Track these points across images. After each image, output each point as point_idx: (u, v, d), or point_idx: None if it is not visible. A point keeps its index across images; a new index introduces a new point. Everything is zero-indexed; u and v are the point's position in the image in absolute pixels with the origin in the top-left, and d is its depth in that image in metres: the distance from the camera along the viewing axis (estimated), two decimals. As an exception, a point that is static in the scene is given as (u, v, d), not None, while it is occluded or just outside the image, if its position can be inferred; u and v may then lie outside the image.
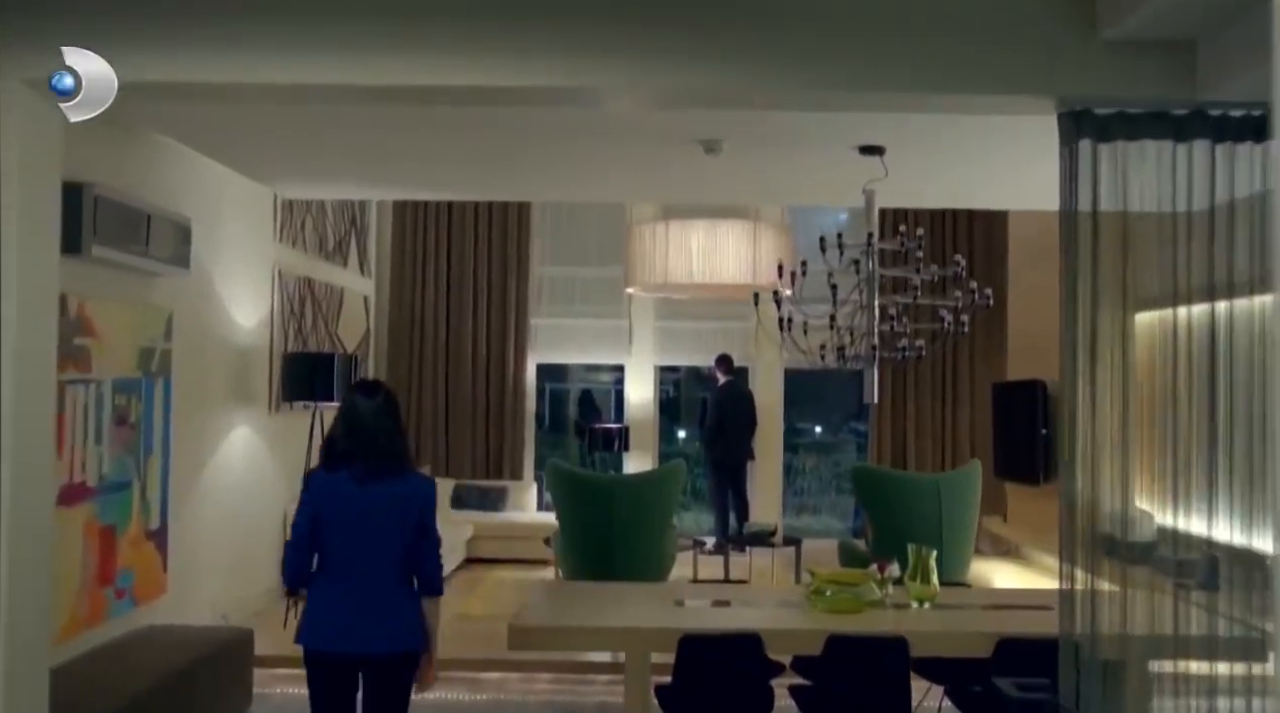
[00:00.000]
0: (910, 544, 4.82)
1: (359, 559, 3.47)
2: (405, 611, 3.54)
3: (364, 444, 3.51)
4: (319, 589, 3.53)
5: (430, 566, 3.58)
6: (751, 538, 7.10)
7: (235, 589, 7.09)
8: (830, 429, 13.23)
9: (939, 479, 6.64)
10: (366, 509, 3.47)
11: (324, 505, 3.50)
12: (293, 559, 3.56)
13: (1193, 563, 4.28)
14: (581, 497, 6.58)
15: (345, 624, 3.46)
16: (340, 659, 3.49)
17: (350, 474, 3.49)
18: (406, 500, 3.52)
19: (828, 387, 12.24)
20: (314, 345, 8.39)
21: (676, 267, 8.29)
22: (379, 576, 3.48)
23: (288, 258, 7.99)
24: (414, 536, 3.51)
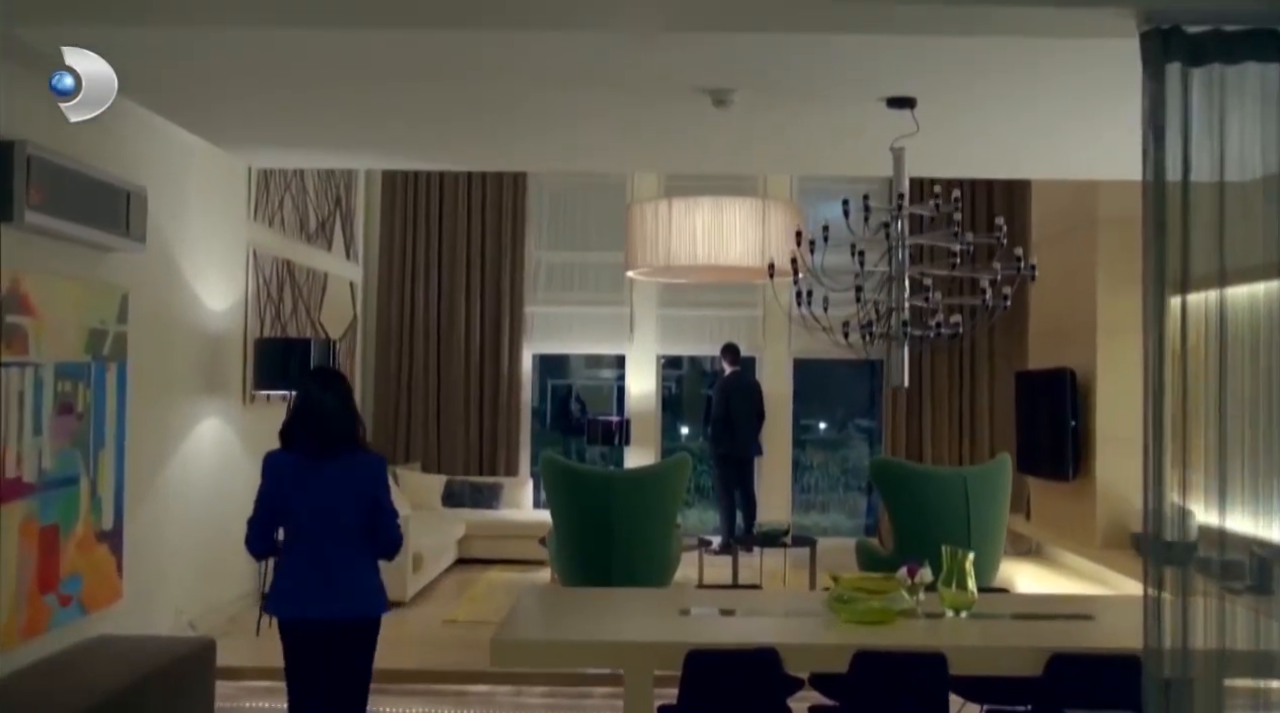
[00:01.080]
0: (944, 546, 4.29)
1: (318, 533, 3.74)
2: (366, 578, 3.81)
3: (319, 427, 3.76)
4: (284, 562, 3.83)
5: (387, 534, 3.83)
6: (762, 538, 6.57)
7: (205, 595, 6.57)
8: (835, 425, 12.71)
9: (966, 474, 6.11)
10: (323, 487, 3.73)
11: (283, 485, 3.76)
12: (252, 534, 3.84)
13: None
14: (578, 493, 6.06)
15: (310, 593, 3.72)
16: (307, 625, 3.74)
17: (306, 455, 3.76)
18: (360, 477, 3.79)
19: (832, 381, 11.70)
20: (294, 333, 7.87)
21: (680, 248, 7.77)
22: (338, 547, 3.74)
23: (264, 238, 7.46)
24: (369, 508, 3.77)
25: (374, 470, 3.84)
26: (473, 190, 10.10)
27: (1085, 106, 4.81)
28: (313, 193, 8.47)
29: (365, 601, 3.80)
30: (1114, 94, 4.52)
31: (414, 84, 4.89)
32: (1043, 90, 4.55)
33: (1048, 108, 4.90)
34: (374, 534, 3.79)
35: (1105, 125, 5.07)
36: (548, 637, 3.96)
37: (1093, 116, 4.96)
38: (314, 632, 3.75)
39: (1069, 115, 5.00)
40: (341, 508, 3.74)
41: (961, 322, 4.18)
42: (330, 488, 3.74)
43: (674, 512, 6.21)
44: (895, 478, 6.15)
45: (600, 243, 10.23)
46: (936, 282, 4.09)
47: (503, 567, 8.93)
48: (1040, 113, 4.99)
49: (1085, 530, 7.97)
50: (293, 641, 3.81)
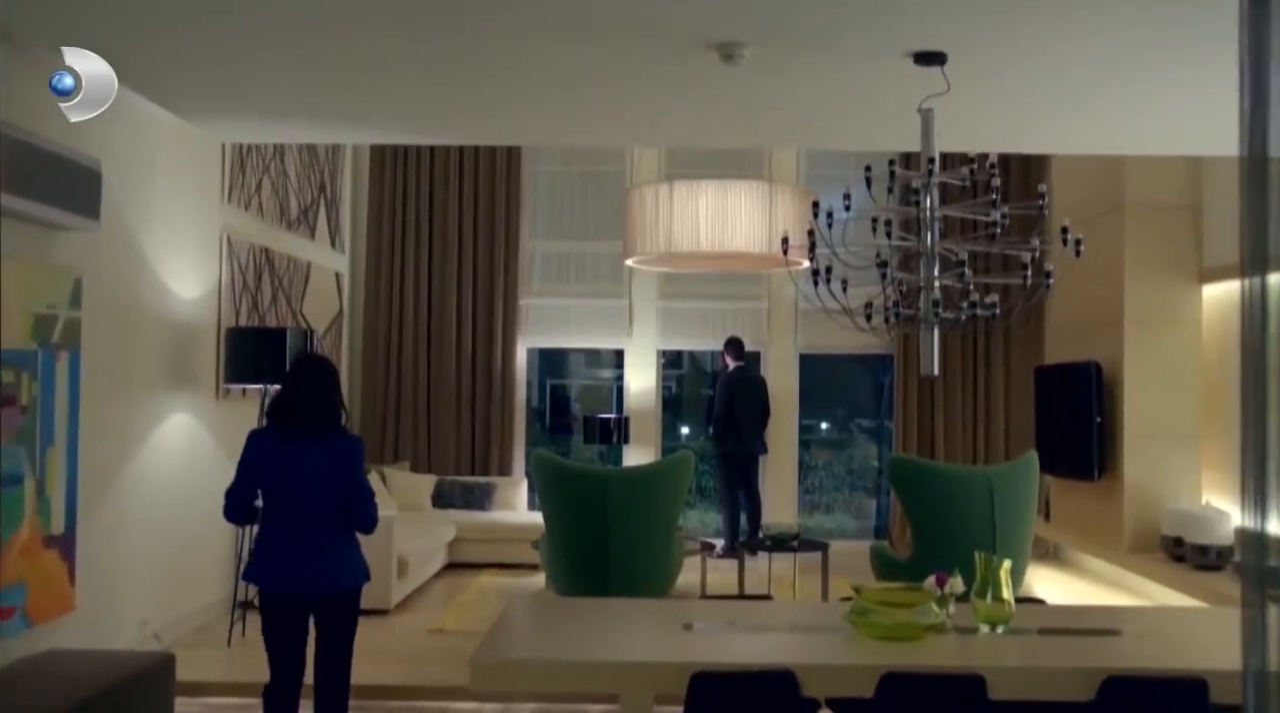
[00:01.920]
0: (976, 552, 3.85)
1: (298, 509, 3.90)
2: (345, 552, 3.97)
3: (301, 411, 3.93)
4: (265, 536, 3.97)
5: (362, 511, 3.95)
6: (771, 542, 6.13)
7: (174, 604, 6.13)
8: (837, 423, 12.29)
9: (991, 473, 5.67)
10: (301, 467, 3.90)
11: (263, 462, 3.94)
12: (228, 504, 4.03)
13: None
14: (572, 493, 5.61)
15: (291, 566, 3.89)
16: (287, 597, 3.92)
17: (289, 435, 3.92)
18: (336, 458, 3.93)
19: (837, 378, 11.26)
20: (273, 324, 7.42)
21: (682, 234, 7.33)
22: (315, 524, 3.89)
23: (239, 223, 7.02)
24: (345, 488, 3.92)
25: (350, 451, 3.98)
26: (464, 178, 9.66)
27: (1139, 65, 4.37)
28: (294, 178, 8.03)
29: (342, 574, 3.97)
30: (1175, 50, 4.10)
31: (397, 42, 4.44)
32: (1093, 45, 4.10)
33: (1094, 68, 4.45)
34: (350, 513, 3.94)
35: (1168, 88, 4.62)
36: (534, 656, 3.51)
37: (1148, 78, 4.51)
38: (293, 603, 3.95)
39: (1119, 77, 4.55)
40: (318, 487, 3.90)
41: (998, 302, 3.72)
42: (307, 468, 3.90)
43: (676, 514, 5.77)
44: (914, 478, 5.71)
45: (598, 232, 9.81)
46: (967, 260, 3.64)
47: (494, 571, 8.49)
48: (1084, 74, 4.54)
49: (1111, 533, 7.52)
50: (272, 610, 3.97)
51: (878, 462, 12.50)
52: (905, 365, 9.65)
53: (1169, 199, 7.42)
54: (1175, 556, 6.88)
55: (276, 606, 3.95)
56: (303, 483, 3.89)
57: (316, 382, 3.97)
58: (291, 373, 4.10)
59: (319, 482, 3.89)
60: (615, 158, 9.83)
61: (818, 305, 9.46)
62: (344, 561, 3.96)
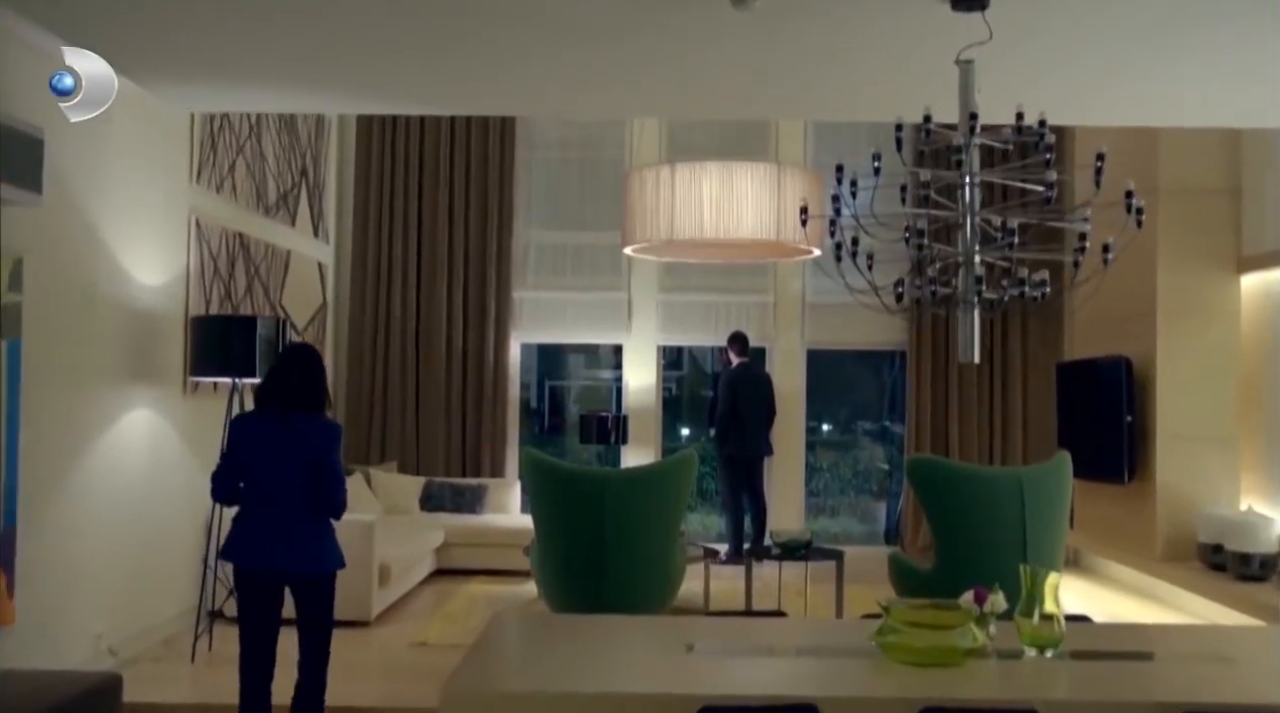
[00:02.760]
0: (1022, 565, 3.39)
1: (277, 489, 3.97)
2: (318, 535, 4.03)
3: (287, 393, 4.03)
4: (243, 515, 4.04)
5: (329, 496, 4.00)
6: (781, 550, 5.65)
7: (135, 615, 5.66)
8: (839, 425, 11.84)
9: (1022, 475, 5.20)
10: (280, 449, 3.98)
11: (248, 443, 4.04)
12: (215, 485, 4.09)
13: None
14: (565, 496, 5.14)
15: (267, 545, 3.96)
16: (262, 574, 3.98)
17: (272, 417, 4.03)
18: (312, 442, 4.01)
19: (838, 377, 10.80)
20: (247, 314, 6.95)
21: (684, 220, 6.87)
22: (292, 505, 3.97)
23: (210, 205, 6.55)
24: (319, 471, 3.97)
25: (326, 435, 4.08)
26: (454, 166, 9.20)
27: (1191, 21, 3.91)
28: (273, 160, 7.56)
29: (317, 557, 4.03)
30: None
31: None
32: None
33: (1142, 20, 3.99)
34: (320, 497, 3.99)
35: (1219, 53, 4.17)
36: (516, 688, 3.04)
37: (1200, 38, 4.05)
38: (268, 582, 4.00)
39: (1171, 33, 4.09)
40: (294, 469, 3.97)
41: (1048, 280, 3.25)
42: (287, 451, 3.98)
43: (678, 518, 5.31)
44: (938, 480, 5.23)
45: (595, 222, 9.35)
46: (1016, 230, 3.16)
47: (485, 579, 8.02)
48: (1133, 25, 4.07)
49: (1142, 540, 7.05)
50: (249, 588, 4.02)
51: (886, 464, 12.05)
52: (918, 361, 9.18)
53: (1206, 182, 6.96)
54: (1214, 564, 6.42)
55: (251, 582, 4.02)
56: (282, 464, 3.99)
57: (301, 367, 4.11)
58: (278, 359, 4.36)
59: (292, 463, 3.98)
60: (613, 142, 9.37)
61: (830, 295, 8.99)
62: (319, 543, 4.05)
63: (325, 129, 8.72)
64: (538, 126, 9.47)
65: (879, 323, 9.36)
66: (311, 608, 4.05)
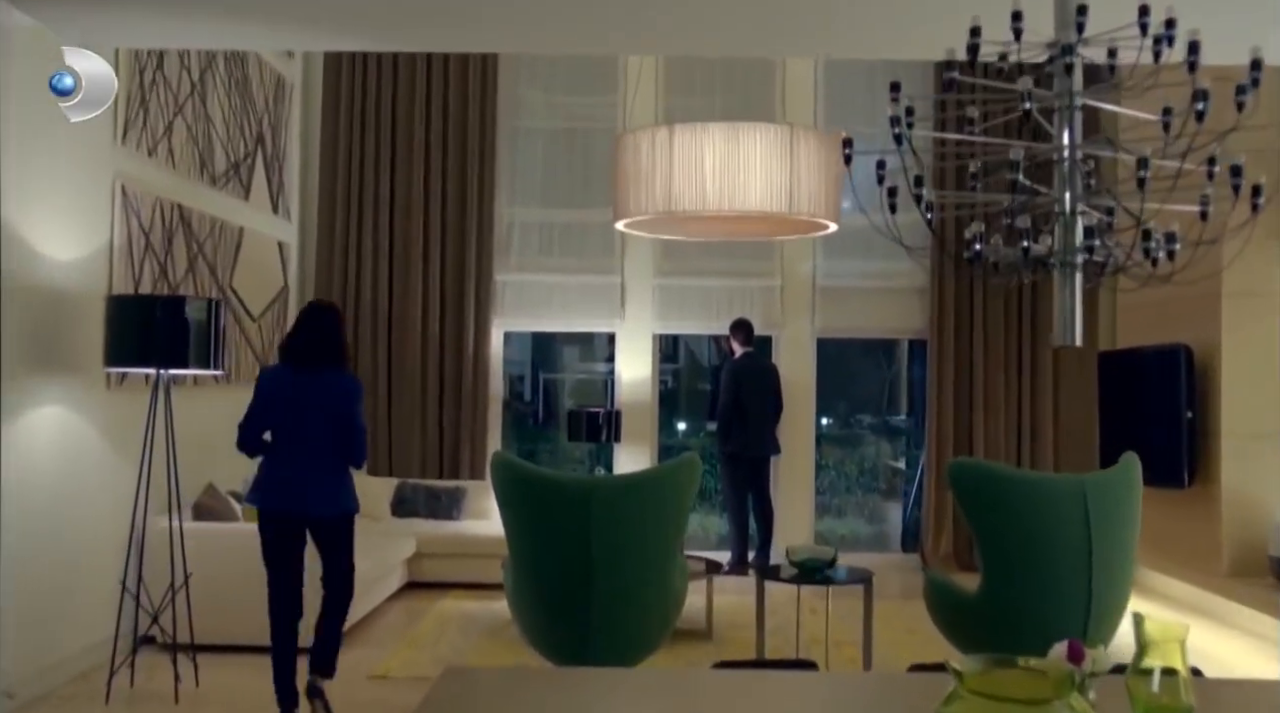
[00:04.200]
0: (1136, 615, 2.55)
1: (299, 438, 4.29)
2: (338, 480, 4.39)
3: (310, 347, 4.36)
4: (269, 461, 4.37)
5: (352, 448, 4.35)
6: (800, 570, 4.82)
7: (39, 651, 4.83)
8: (839, 419, 11.07)
9: (1085, 482, 4.38)
10: (305, 398, 4.31)
11: (273, 394, 4.36)
12: (241, 436, 4.40)
13: None
14: (543, 509, 4.32)
15: (290, 490, 4.30)
16: (285, 516, 4.34)
17: (295, 370, 4.36)
18: (335, 395, 4.33)
19: (842, 367, 10.00)
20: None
21: (684, 189, 6.04)
22: (316, 452, 4.29)
23: (140, 171, 5.71)
24: (342, 423, 4.31)
25: (348, 388, 4.36)
26: (431, 138, 8.36)
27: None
28: (220, 123, 6.71)
29: (334, 500, 4.36)
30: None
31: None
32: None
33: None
34: (342, 446, 4.31)
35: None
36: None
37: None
38: (289, 525, 4.31)
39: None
40: (315, 421, 4.25)
41: (1177, 237, 2.42)
42: (309, 401, 4.27)
43: (678, 534, 4.48)
44: (987, 488, 4.41)
45: (585, 199, 8.52)
46: (1146, 167, 2.32)
47: (460, 593, 7.20)
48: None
49: (1204, 553, 6.24)
50: (272, 531, 4.34)
51: (901, 463, 11.28)
52: (939, 349, 8.36)
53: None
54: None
55: (273, 525, 4.33)
56: (304, 414, 4.26)
57: (322, 323, 4.39)
58: (299, 317, 4.52)
59: (318, 414, 4.26)
60: (604, 110, 8.53)
61: (843, 278, 8.07)
62: (336, 488, 4.36)
63: (285, 93, 7.87)
64: (522, 94, 8.64)
65: (896, 308, 8.57)
66: (330, 547, 4.42)
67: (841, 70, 8.52)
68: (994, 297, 8.30)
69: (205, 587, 5.42)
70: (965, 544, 8.37)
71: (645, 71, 8.32)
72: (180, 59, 6.12)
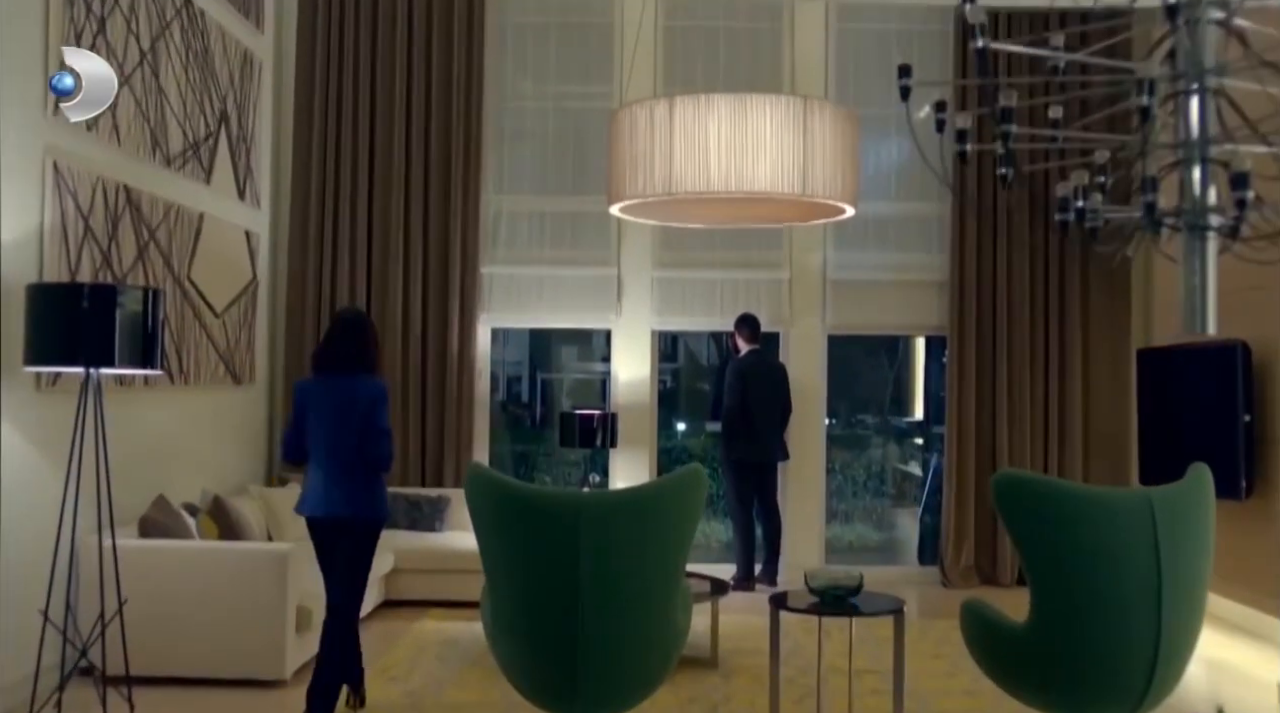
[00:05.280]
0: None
1: (333, 446, 4.45)
2: (370, 486, 4.51)
3: (339, 357, 4.52)
4: (310, 470, 4.55)
5: (372, 451, 4.45)
6: (822, 599, 4.18)
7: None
8: (841, 419, 10.53)
9: (1152, 497, 3.77)
10: (331, 408, 4.47)
11: (308, 405, 4.50)
12: (284, 447, 4.64)
13: None
14: (524, 531, 3.71)
15: (325, 496, 4.46)
16: (323, 522, 4.50)
17: (327, 379, 4.52)
18: (358, 400, 4.45)
19: (838, 367, 9.41)
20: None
21: (686, 169, 5.44)
22: (347, 459, 4.45)
23: (77, 146, 5.10)
24: (364, 427, 4.43)
25: (371, 394, 4.46)
26: (413, 120, 7.75)
27: None
28: (176, 98, 6.10)
29: (365, 505, 4.49)
30: None
31: None
32: None
33: None
34: (363, 449, 4.43)
35: None
36: None
37: None
38: (326, 527, 4.50)
39: None
40: (345, 427, 4.44)
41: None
42: (337, 411, 4.45)
43: (680, 560, 3.88)
44: (1039, 504, 3.80)
45: (579, 184, 7.93)
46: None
47: (441, 612, 6.60)
48: None
49: (1264, 572, 5.63)
50: (317, 536, 4.54)
51: (916, 467, 10.71)
52: (960, 347, 7.76)
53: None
54: None
55: (315, 530, 4.52)
56: (333, 421, 4.43)
57: (351, 333, 4.55)
58: (330, 326, 4.70)
59: (346, 421, 4.41)
60: (600, 87, 7.93)
61: (857, 271, 7.52)
62: (368, 493, 4.48)
63: (253, 70, 7.26)
64: (509, 72, 8.04)
65: (913, 302, 7.96)
66: (352, 548, 4.50)
67: (854, 40, 7.94)
68: (1019, 289, 7.70)
69: (149, 611, 4.85)
70: (988, 557, 7.77)
71: (644, 42, 7.72)
72: (126, 23, 5.52)
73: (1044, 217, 7.51)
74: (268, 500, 6.62)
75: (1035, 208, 7.59)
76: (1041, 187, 7.35)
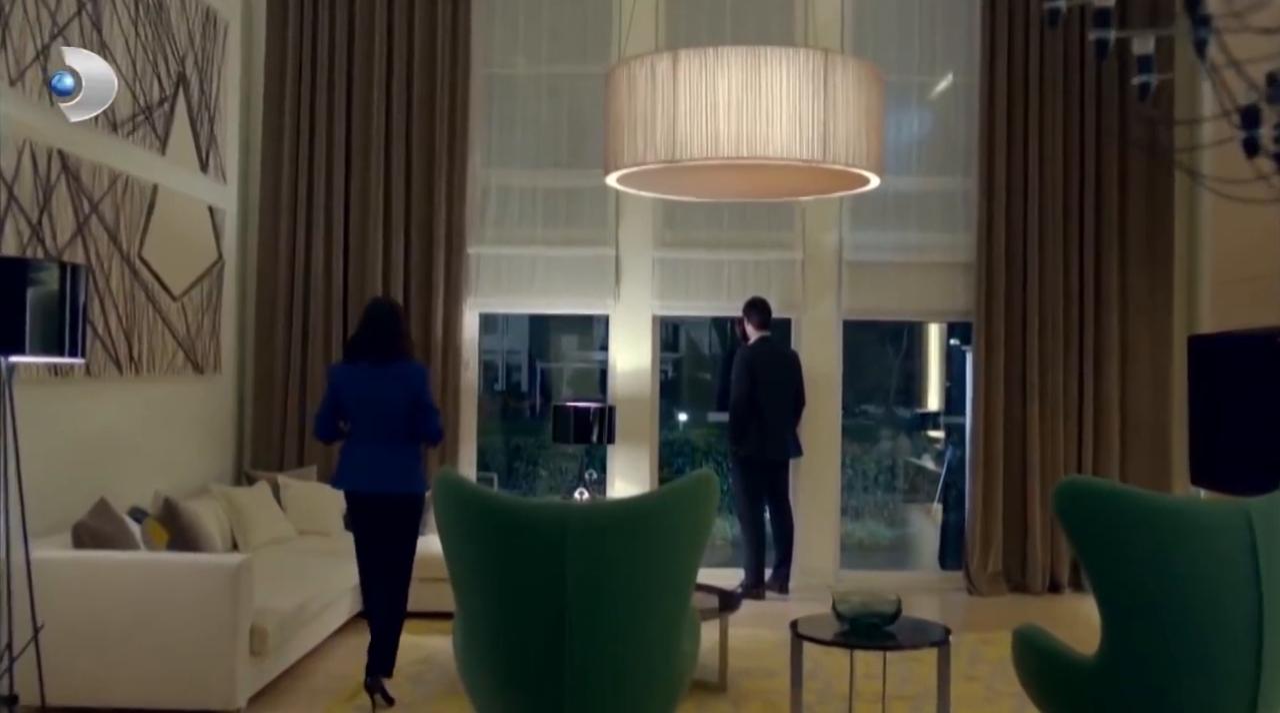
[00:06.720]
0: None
1: (373, 425, 4.71)
2: (406, 463, 4.76)
3: (374, 340, 4.76)
4: (348, 448, 4.79)
5: (425, 427, 4.76)
6: (856, 627, 3.57)
7: None
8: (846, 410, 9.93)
9: (1250, 510, 3.18)
10: (373, 391, 4.72)
11: (345, 387, 4.76)
12: (317, 426, 4.90)
13: None
14: (502, 548, 3.12)
15: (367, 472, 4.70)
16: (367, 497, 4.73)
17: (364, 362, 4.76)
18: (406, 381, 4.74)
19: (858, 353, 8.83)
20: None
21: (691, 131, 4.82)
22: (388, 437, 4.70)
23: (3, 107, 4.49)
24: (414, 407, 4.71)
25: (415, 376, 4.77)
26: (394, 88, 7.14)
27: None
28: (124, 56, 5.49)
29: (404, 481, 4.74)
30: None
31: None
32: None
33: None
34: (417, 427, 4.73)
35: None
36: None
37: None
38: (367, 503, 4.74)
39: None
40: (390, 408, 4.69)
41: None
42: (377, 390, 4.71)
43: (689, 580, 3.29)
44: (1114, 519, 3.20)
45: (574, 158, 7.32)
46: None
47: (421, 624, 5.93)
48: None
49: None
50: (353, 507, 4.80)
51: (932, 461, 10.14)
52: (988, 333, 7.15)
53: None
54: None
55: (355, 503, 4.78)
56: (374, 402, 4.71)
57: (386, 320, 4.79)
58: (363, 318, 4.89)
59: (386, 401, 4.69)
60: (598, 49, 7.31)
61: (875, 251, 6.93)
62: (406, 469, 4.74)
63: (218, 30, 6.64)
64: (499, 34, 7.41)
65: (936, 286, 7.34)
66: (402, 523, 4.76)
67: (872, 3, 7.32)
68: (1051, 271, 7.10)
69: (78, 630, 4.26)
70: (1017, 562, 7.17)
71: (644, 2, 7.09)
72: (60, -32, 4.90)
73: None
74: (233, 501, 6.03)
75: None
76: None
